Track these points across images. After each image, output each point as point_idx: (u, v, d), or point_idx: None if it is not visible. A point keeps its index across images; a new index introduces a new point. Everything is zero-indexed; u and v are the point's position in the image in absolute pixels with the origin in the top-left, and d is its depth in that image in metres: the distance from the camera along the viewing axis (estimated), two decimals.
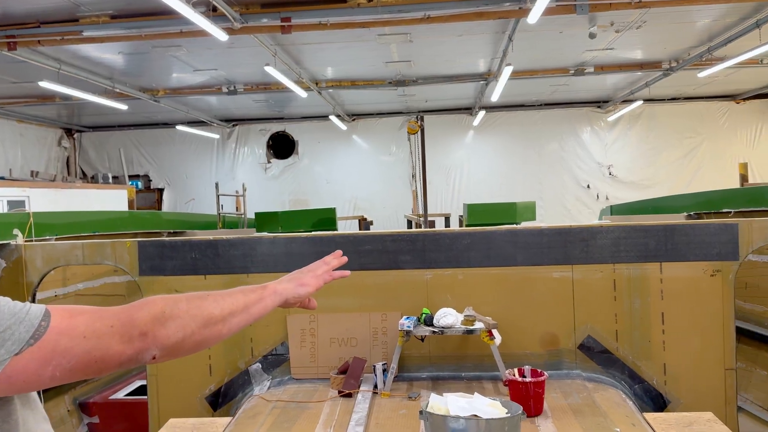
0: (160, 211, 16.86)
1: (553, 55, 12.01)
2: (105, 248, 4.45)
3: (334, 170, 18.38)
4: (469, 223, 7.33)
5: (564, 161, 17.89)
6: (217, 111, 16.91)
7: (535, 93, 16.03)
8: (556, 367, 4.15)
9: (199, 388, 4.39)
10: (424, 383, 4.10)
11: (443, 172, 17.88)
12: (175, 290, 4.39)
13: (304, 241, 4.41)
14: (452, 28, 9.47)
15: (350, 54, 11.23)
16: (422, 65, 12.34)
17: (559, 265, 4.19)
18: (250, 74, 12.63)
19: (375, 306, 4.31)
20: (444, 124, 17.76)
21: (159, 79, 12.99)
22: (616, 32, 10.35)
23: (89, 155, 18.85)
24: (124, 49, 10.32)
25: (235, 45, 9.87)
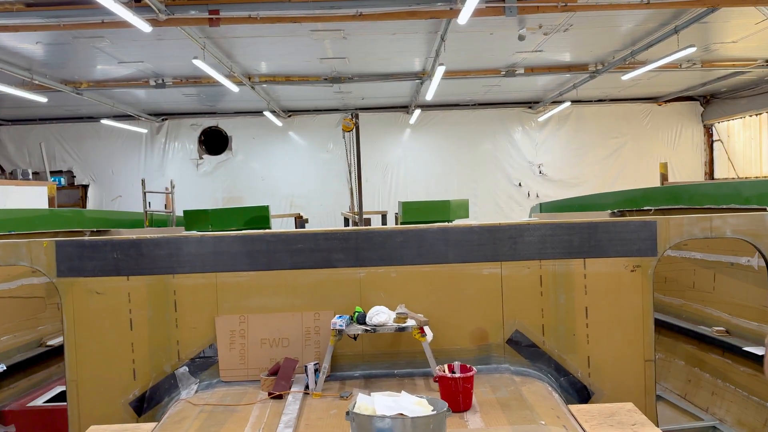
0: (83, 209, 16.13)
1: (484, 56, 12.24)
2: (20, 248, 4.21)
3: (270, 167, 18.11)
4: (404, 220, 7.38)
5: (497, 160, 18.31)
6: (145, 105, 16.32)
7: (468, 93, 16.32)
8: (485, 362, 4.22)
9: (122, 392, 4.22)
10: (357, 382, 4.08)
11: (380, 169, 17.95)
12: (96, 292, 4.20)
13: (234, 240, 4.31)
14: (386, 27, 9.49)
15: (284, 49, 11.07)
16: (357, 62, 12.32)
17: (489, 262, 4.26)
18: (179, 67, 12.25)
19: (308, 305, 4.26)
20: (381, 121, 17.82)
21: (82, 71, 12.40)
22: (545, 35, 10.66)
23: (8, 150, 17.82)
24: (42, 39, 9.79)
25: (163, 37, 9.54)
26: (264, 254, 4.27)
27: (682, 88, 16.49)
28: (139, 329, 4.22)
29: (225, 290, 4.27)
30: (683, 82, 15.74)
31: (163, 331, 4.23)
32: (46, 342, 6.52)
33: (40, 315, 6.67)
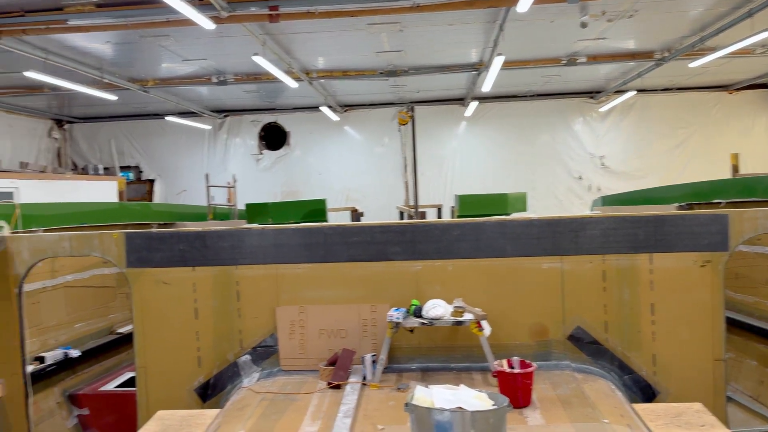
0: (151, 203, 16.76)
1: (544, 45, 11.96)
2: (92, 240, 4.41)
3: (326, 161, 18.31)
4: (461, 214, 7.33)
5: (556, 152, 17.88)
6: (207, 101, 16.78)
7: (527, 83, 15.99)
8: (545, 358, 4.15)
9: (188, 380, 4.37)
10: (414, 374, 4.09)
11: (436, 162, 17.85)
12: (163, 282, 4.36)
13: (293, 232, 4.38)
14: (443, 17, 9.41)
15: (341, 43, 11.15)
16: (414, 55, 12.27)
17: (549, 256, 4.18)
18: (239, 64, 12.53)
19: (364, 298, 4.29)
20: (436, 114, 17.71)
21: (148, 70, 12.86)
22: (608, 21, 10.31)
23: (80, 146, 18.69)
24: (111, 39, 10.20)
25: (224, 34, 9.78)
26: (322, 246, 4.33)
27: (755, 75, 15.63)
28: (204, 318, 4.36)
29: (285, 281, 4.35)
30: (756, 69, 14.92)
31: (226, 321, 4.36)
32: (116, 330, 6.82)
33: (111, 304, 6.99)
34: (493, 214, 6.49)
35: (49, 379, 5.56)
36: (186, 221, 9.07)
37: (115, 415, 5.61)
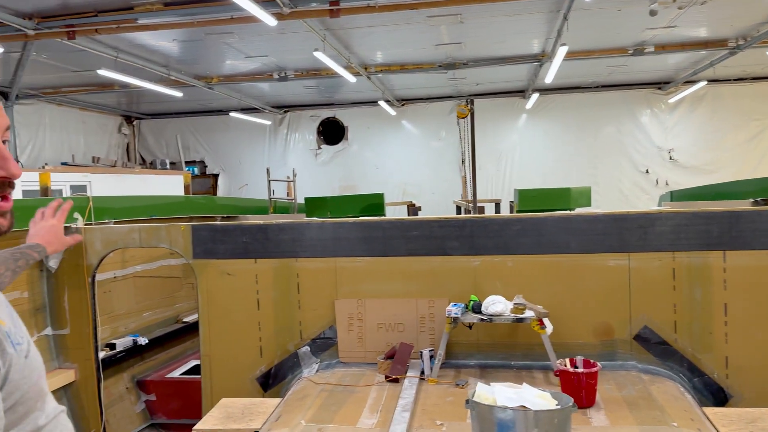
0: (215, 197, 17.26)
1: (610, 34, 11.57)
2: (161, 232, 4.56)
3: (383, 156, 18.36)
4: (521, 209, 7.17)
5: (621, 145, 17.30)
6: (269, 97, 17.11)
7: (591, 74, 15.52)
8: (609, 358, 4.02)
9: (250, 369, 4.47)
10: (472, 371, 4.04)
11: (494, 156, 17.60)
12: (227, 273, 4.47)
13: (352, 226, 4.40)
14: (504, 8, 9.23)
15: (399, 37, 11.12)
16: (473, 47, 12.11)
17: (615, 252, 4.04)
18: (300, 60, 12.70)
19: (422, 292, 4.27)
20: (495, 107, 17.44)
21: (213, 67, 13.22)
22: (679, 9, 9.87)
23: (148, 142, 19.43)
24: (178, 37, 10.53)
25: (285, 31, 9.92)
26: (380, 240, 4.33)
27: None
28: (266, 309, 4.45)
29: (343, 275, 4.38)
30: None
31: (287, 312, 4.43)
32: (182, 319, 7.05)
33: (177, 294, 7.23)
34: (555, 209, 6.33)
35: (119, 365, 5.80)
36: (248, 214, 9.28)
37: (181, 401, 5.80)
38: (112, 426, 5.32)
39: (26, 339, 1.19)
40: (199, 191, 18.34)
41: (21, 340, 1.16)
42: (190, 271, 6.20)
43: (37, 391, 1.17)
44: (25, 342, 1.18)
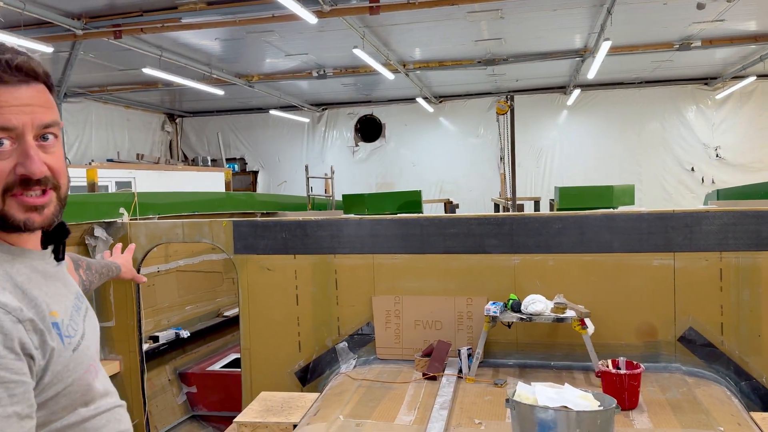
0: (255, 193, 17.51)
1: (655, 29, 11.27)
2: (203, 227, 4.65)
3: (420, 153, 18.31)
4: (561, 207, 7.06)
5: (666, 142, 16.85)
6: (307, 95, 17.25)
7: (635, 69, 15.16)
8: (653, 359, 3.93)
9: (289, 363, 4.52)
10: (511, 370, 4.01)
11: (534, 154, 17.36)
12: (267, 268, 4.53)
13: (390, 223, 4.41)
14: (546, 2, 9.10)
15: (439, 33, 11.06)
16: (513, 42, 11.97)
17: (660, 252, 3.94)
18: (339, 58, 12.76)
19: (460, 290, 4.25)
20: (535, 103, 17.19)
21: (253, 65, 13.39)
22: (728, 2, 9.54)
23: (190, 139, 19.83)
24: (220, 36, 10.70)
25: (325, 28, 9.98)
26: (418, 238, 4.33)
27: None
28: (304, 305, 4.49)
29: (381, 271, 4.39)
30: None
31: (325, 308, 4.47)
32: (222, 313, 7.19)
33: (218, 288, 7.36)
34: (597, 208, 6.21)
35: (161, 358, 5.95)
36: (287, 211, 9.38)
37: (221, 393, 5.91)
38: (155, 417, 5.46)
39: (80, 333, 1.21)
40: (239, 188, 18.64)
41: (73, 333, 1.19)
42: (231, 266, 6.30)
43: (84, 385, 1.18)
44: (78, 336, 1.20)
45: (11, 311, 1.05)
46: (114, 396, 1.30)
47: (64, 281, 1.27)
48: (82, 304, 1.29)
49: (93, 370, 1.23)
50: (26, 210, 1.13)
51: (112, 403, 1.28)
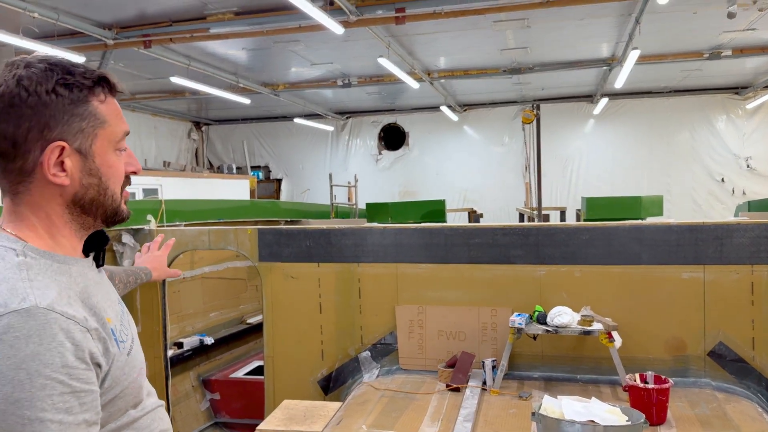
0: (279, 201, 17.64)
1: (685, 38, 11.12)
2: (229, 234, 4.69)
3: (444, 161, 18.27)
4: (588, 217, 6.98)
5: (695, 152, 16.57)
6: (332, 104, 17.36)
7: (664, 79, 14.96)
8: (681, 374, 3.84)
9: (311, 371, 4.52)
10: (536, 383, 3.95)
11: (559, 163, 17.20)
12: (290, 276, 4.55)
13: (413, 232, 4.39)
14: (573, 12, 9.03)
15: (464, 43, 11.06)
16: (539, 51, 11.90)
17: (690, 264, 3.86)
18: (364, 67, 12.82)
19: (484, 300, 4.21)
20: (561, 112, 17.06)
21: (279, 74, 13.53)
22: (760, 11, 9.38)
23: (215, 147, 20.07)
24: (247, 45, 10.84)
25: (350, 38, 10.04)
26: (442, 247, 4.30)
27: None
28: (328, 313, 4.49)
29: (404, 280, 4.37)
30: None
31: (348, 316, 4.46)
32: (246, 320, 7.23)
33: (242, 295, 7.42)
34: (625, 218, 6.12)
35: (185, 364, 6.00)
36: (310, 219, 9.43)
37: (244, 401, 5.93)
38: (178, 423, 5.50)
39: (131, 336, 1.28)
40: (263, 195, 18.80)
41: (125, 338, 1.24)
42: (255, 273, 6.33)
43: (136, 387, 1.26)
44: (129, 339, 1.26)
45: (79, 322, 1.08)
46: (155, 395, 1.38)
47: (107, 287, 1.33)
48: (124, 309, 1.35)
49: (143, 372, 1.31)
50: (125, 202, 1.29)
51: (155, 402, 1.36)
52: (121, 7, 8.58)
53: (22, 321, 1.01)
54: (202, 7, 8.65)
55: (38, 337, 1.01)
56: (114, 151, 1.23)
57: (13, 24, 8.46)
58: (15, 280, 1.07)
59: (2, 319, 1.01)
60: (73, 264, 1.20)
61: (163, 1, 8.39)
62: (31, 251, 1.14)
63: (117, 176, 1.25)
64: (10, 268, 1.09)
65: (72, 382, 1.03)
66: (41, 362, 1.00)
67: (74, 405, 1.03)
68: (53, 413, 1.00)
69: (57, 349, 1.02)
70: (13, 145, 1.13)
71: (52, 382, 1.00)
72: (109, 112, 1.23)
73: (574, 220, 11.68)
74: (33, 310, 1.03)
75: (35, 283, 1.08)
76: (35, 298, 1.05)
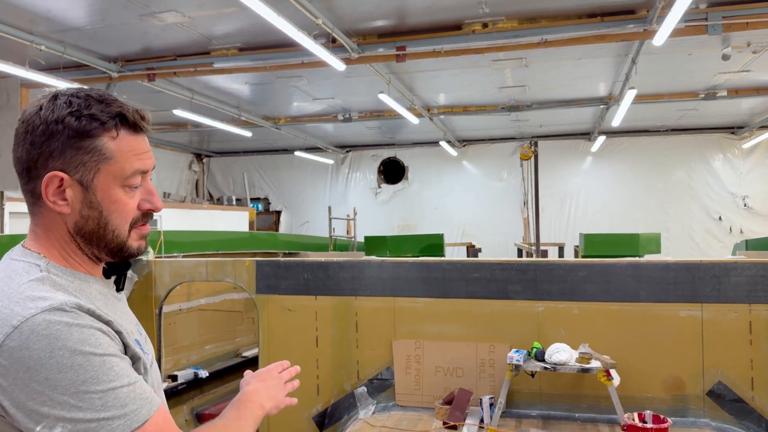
0: (277, 233, 17.64)
1: (681, 78, 11.31)
2: (227, 266, 4.69)
3: (443, 196, 18.35)
4: (586, 254, 6.99)
5: (693, 191, 16.68)
6: (332, 137, 17.52)
7: (660, 118, 15.16)
8: (680, 414, 3.81)
9: (306, 407, 4.47)
10: (534, 421, 3.90)
11: (557, 199, 17.29)
12: (288, 309, 4.53)
13: (412, 266, 4.40)
14: (571, 52, 9.21)
15: (463, 80, 11.23)
16: (537, 90, 12.09)
17: (687, 303, 3.86)
18: (364, 102, 12.99)
19: (482, 336, 4.19)
20: (559, 149, 17.23)
21: (281, 108, 13.69)
22: (754, 53, 9.57)
23: (216, 178, 20.17)
24: (250, 80, 10.99)
25: (352, 74, 10.20)
26: (440, 282, 4.30)
27: None
28: (324, 347, 4.46)
29: (402, 315, 4.36)
30: None
31: (345, 351, 4.43)
32: (241, 353, 7.16)
33: (238, 328, 7.36)
34: (623, 255, 6.13)
35: (179, 397, 5.91)
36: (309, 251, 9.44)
37: None
38: None
39: (151, 352, 1.35)
40: (262, 227, 18.81)
41: (148, 352, 1.33)
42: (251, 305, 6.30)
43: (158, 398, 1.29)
44: (150, 354, 1.34)
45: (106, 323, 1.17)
46: None
47: (126, 308, 1.39)
48: (143, 331, 1.41)
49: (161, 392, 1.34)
50: (140, 238, 1.31)
51: None
52: (126, 41, 8.73)
53: (57, 316, 1.09)
54: (207, 42, 8.81)
55: (77, 326, 1.10)
56: (121, 187, 1.25)
57: (20, 56, 8.59)
58: (42, 289, 1.15)
59: (36, 317, 1.08)
60: (93, 282, 1.27)
61: (169, 36, 8.55)
62: (53, 267, 1.22)
63: (122, 212, 1.26)
64: (35, 280, 1.17)
65: (117, 353, 1.15)
66: (90, 344, 1.10)
67: (126, 367, 1.16)
68: (119, 380, 1.11)
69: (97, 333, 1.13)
70: (26, 170, 1.21)
71: (108, 357, 1.11)
72: (120, 148, 1.24)
73: (572, 256, 11.68)
74: (64, 307, 1.11)
75: (60, 291, 1.16)
76: (63, 298, 1.14)
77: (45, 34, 8.18)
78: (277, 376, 1.54)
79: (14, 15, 7.51)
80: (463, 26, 8.17)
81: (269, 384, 1.51)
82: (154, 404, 1.16)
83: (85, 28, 8.08)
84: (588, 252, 6.94)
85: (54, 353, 1.06)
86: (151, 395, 1.17)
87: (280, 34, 7.26)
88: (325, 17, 7.45)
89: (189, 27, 8.11)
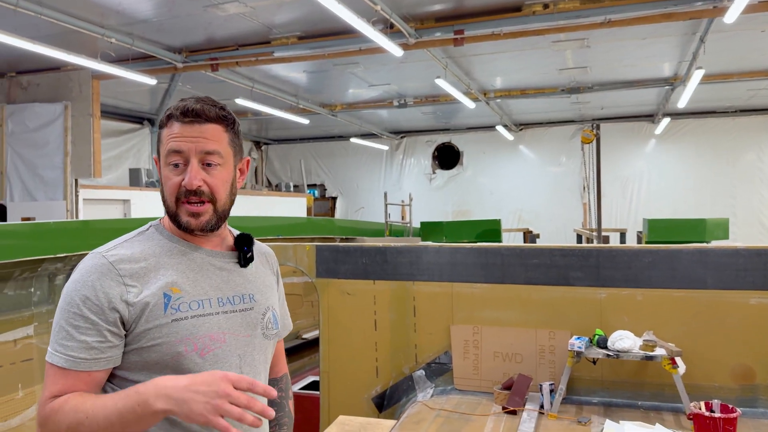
0: (334, 218, 17.89)
1: (752, 57, 10.76)
2: (288, 251, 4.81)
3: (499, 181, 18.13)
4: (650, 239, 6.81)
5: (762, 174, 15.88)
6: (387, 123, 17.56)
7: (729, 98, 14.47)
8: (749, 404, 3.69)
9: (366, 388, 4.56)
10: (595, 408, 3.87)
11: (619, 184, 16.80)
12: (347, 293, 4.62)
13: (469, 252, 4.40)
14: (635, 32, 8.90)
15: (522, 63, 11.03)
16: (599, 71, 11.75)
17: (759, 290, 3.72)
18: (420, 87, 12.95)
19: (541, 323, 4.16)
20: (621, 132, 16.70)
21: (337, 95, 13.82)
22: None
23: (274, 166, 20.59)
24: (308, 68, 11.14)
25: (408, 60, 10.19)
26: (498, 267, 4.29)
27: None
28: (383, 330, 4.54)
29: (459, 300, 4.37)
30: None
31: (403, 335, 4.49)
32: (301, 335, 7.35)
33: (298, 311, 7.55)
34: (688, 241, 5.94)
35: None
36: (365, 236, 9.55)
37: (299, 415, 5.97)
38: None
39: (195, 313, 1.45)
40: (319, 213, 19.11)
41: (185, 310, 1.43)
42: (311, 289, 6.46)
43: (173, 352, 1.40)
44: (189, 314, 1.43)
45: (119, 270, 1.41)
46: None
47: (245, 281, 1.59)
48: (250, 304, 1.57)
49: (191, 344, 1.42)
50: (188, 215, 1.47)
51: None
52: (191, 31, 9.00)
53: (86, 259, 1.44)
54: (267, 31, 8.97)
55: (83, 271, 1.41)
56: (166, 165, 1.48)
57: (91, 49, 9.00)
58: (120, 239, 1.51)
59: (87, 256, 1.45)
60: (195, 250, 1.52)
61: (231, 26, 8.75)
62: (154, 227, 1.54)
63: (167, 186, 1.48)
64: (132, 233, 1.52)
65: (83, 309, 1.38)
66: (74, 288, 1.40)
67: (80, 324, 1.38)
68: (67, 325, 1.38)
69: (86, 283, 1.39)
70: None
71: (73, 305, 1.38)
72: (167, 135, 1.48)
73: (634, 242, 11.36)
74: (93, 252, 1.44)
75: (125, 240, 1.50)
76: (106, 248, 1.46)
77: (115, 27, 8.53)
78: (217, 392, 1.20)
79: (87, 10, 7.86)
80: (523, 7, 8.01)
81: (194, 390, 1.22)
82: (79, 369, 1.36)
83: (152, 20, 8.37)
84: (652, 238, 6.76)
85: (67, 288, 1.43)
86: (84, 365, 1.36)
87: (339, 21, 7.33)
88: (384, 3, 7.46)
89: (251, 17, 8.28)
